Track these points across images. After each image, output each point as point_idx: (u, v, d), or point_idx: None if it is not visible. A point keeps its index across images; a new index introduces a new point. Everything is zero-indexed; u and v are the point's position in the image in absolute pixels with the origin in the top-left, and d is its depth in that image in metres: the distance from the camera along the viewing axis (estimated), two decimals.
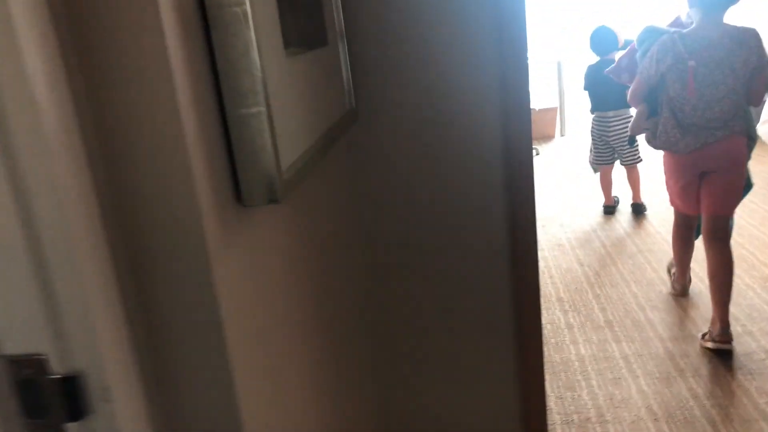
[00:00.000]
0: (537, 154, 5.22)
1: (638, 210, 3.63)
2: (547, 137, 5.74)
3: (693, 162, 2.19)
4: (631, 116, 2.85)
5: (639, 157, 3.54)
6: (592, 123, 3.62)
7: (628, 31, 3.49)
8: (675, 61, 2.11)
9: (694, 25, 2.13)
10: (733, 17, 2.13)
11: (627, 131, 3.14)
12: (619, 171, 3.67)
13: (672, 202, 2.39)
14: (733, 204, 2.22)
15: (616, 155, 3.58)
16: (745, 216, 3.28)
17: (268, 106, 0.59)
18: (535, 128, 5.75)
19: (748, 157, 2.23)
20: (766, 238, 3.00)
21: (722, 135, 2.12)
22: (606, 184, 3.68)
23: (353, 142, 1.19)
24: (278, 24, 0.68)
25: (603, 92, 3.43)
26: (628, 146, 3.46)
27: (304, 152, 0.74)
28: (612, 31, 3.54)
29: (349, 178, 1.20)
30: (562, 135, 5.78)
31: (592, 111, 3.61)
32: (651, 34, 2.29)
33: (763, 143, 4.37)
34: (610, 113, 3.49)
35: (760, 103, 2.28)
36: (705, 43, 2.08)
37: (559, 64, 5.70)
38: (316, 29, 0.87)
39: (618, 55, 2.97)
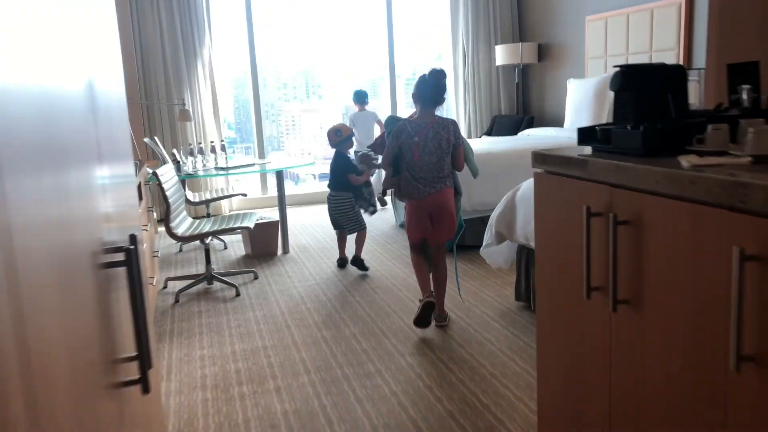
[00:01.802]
0: (255, 278, 4.43)
1: (358, 263, 4.43)
2: (268, 255, 5.01)
3: (423, 206, 3.20)
4: (348, 198, 4.46)
5: (360, 225, 4.49)
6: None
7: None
8: (407, 138, 3.14)
9: (416, 116, 3.21)
10: None
11: (343, 208, 4.47)
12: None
13: (410, 236, 3.32)
14: (449, 235, 3.27)
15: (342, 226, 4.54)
16: (504, 348, 2.85)
17: None
18: (255, 246, 4.99)
19: (458, 204, 3.33)
20: (528, 375, 2.54)
21: (439, 188, 3.17)
22: (341, 242, 4.64)
23: None
24: None
25: (332, 177, 4.50)
26: (348, 219, 4.48)
27: None
28: (347, 126, 4.53)
29: None
30: (285, 252, 5.11)
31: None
32: (392, 120, 3.39)
33: (488, 265, 4.18)
34: (333, 193, 4.50)
35: (461, 169, 3.26)
36: (423, 126, 3.13)
37: (279, 174, 5.10)
38: None
39: (349, 146, 4.53)
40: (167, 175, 4.05)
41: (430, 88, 3.13)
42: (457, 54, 7.47)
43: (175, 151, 5.08)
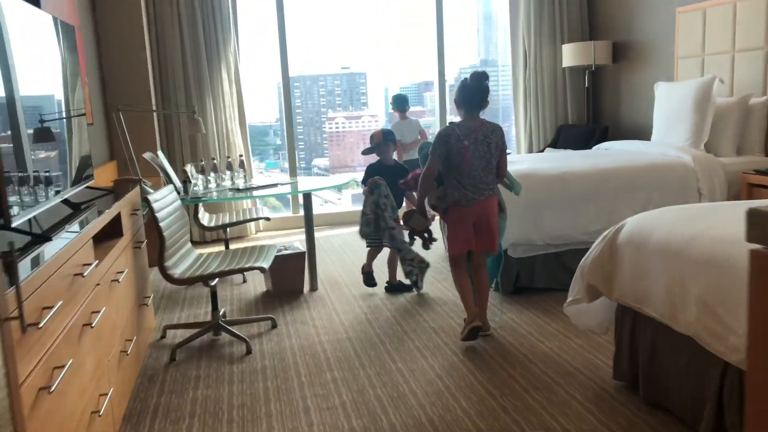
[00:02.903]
0: (273, 326, 3.60)
1: (391, 289, 4.10)
2: (293, 293, 4.18)
3: (470, 212, 3.13)
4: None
5: (391, 241, 3.97)
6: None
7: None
8: (456, 141, 3.07)
9: (461, 119, 3.16)
10: None
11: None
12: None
13: (453, 249, 3.19)
14: (491, 245, 3.20)
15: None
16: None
17: None
18: (276, 283, 4.17)
19: (502, 225, 3.30)
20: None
21: (487, 195, 3.14)
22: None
23: None
24: None
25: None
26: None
27: None
28: (378, 133, 4.10)
29: None
30: (313, 289, 4.27)
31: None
32: (426, 146, 3.34)
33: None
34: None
35: (504, 176, 3.23)
36: (471, 130, 3.09)
37: (307, 197, 4.26)
38: None
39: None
40: (165, 200, 3.26)
41: (474, 92, 3.07)
42: (517, 55, 6.53)
43: (186, 168, 4.30)
